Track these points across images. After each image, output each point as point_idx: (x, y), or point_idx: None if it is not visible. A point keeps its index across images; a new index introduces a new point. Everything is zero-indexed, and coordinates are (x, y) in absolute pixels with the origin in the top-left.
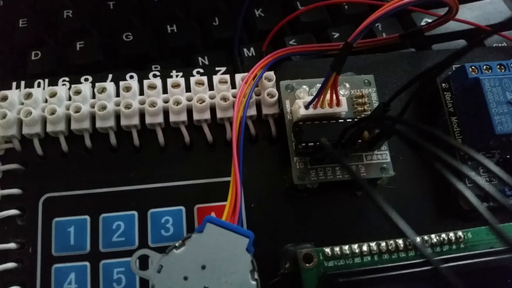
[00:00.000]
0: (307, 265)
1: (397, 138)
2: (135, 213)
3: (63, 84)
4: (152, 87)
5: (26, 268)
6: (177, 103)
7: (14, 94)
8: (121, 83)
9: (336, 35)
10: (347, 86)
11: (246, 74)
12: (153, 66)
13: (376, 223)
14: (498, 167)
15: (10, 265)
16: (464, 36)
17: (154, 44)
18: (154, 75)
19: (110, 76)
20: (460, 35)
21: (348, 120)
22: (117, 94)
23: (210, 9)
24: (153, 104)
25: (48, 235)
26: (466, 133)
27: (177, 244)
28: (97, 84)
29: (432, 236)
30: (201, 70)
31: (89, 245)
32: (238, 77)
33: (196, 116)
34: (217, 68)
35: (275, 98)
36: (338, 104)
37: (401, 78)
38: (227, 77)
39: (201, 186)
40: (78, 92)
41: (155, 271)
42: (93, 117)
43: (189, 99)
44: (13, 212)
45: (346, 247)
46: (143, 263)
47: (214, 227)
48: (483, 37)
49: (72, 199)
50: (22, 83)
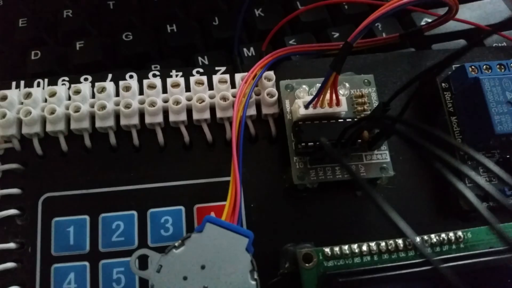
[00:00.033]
0: (307, 265)
1: (397, 138)
2: (135, 213)
3: (63, 84)
4: (151, 86)
5: (25, 268)
6: (177, 102)
7: (13, 93)
8: (121, 83)
9: (336, 35)
10: (347, 85)
11: (245, 73)
12: (152, 66)
13: (376, 223)
14: (498, 167)
15: (9, 265)
16: (464, 36)
17: (154, 44)
18: (154, 75)
19: (109, 75)
20: (460, 35)
21: (348, 119)
22: (117, 94)
23: (210, 9)
24: (152, 104)
25: (47, 235)
26: (466, 133)
27: (176, 244)
28: (96, 84)
29: (432, 236)
30: (201, 70)
31: (88, 245)
32: (238, 76)
33: (195, 116)
34: (216, 68)
35: (275, 97)
36: (338, 103)
37: (401, 78)
38: (226, 76)
39: (201, 186)
40: (77, 92)
41: (154, 271)
42: (92, 117)
43: (189, 99)
44: (12, 212)
45: (346, 247)
46: (143, 263)
47: (214, 227)
48: (483, 37)
49: (71, 199)
50: (22, 82)
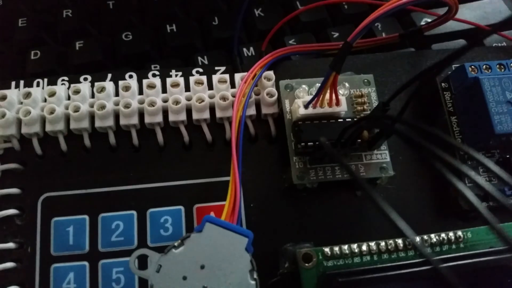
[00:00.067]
0: (306, 264)
1: (397, 137)
2: (134, 212)
3: (62, 84)
4: (151, 86)
5: (25, 268)
6: (176, 102)
7: (13, 93)
8: (120, 83)
9: (336, 34)
10: (347, 85)
11: (245, 73)
12: (152, 66)
13: (376, 223)
14: (498, 167)
15: (9, 264)
16: (463, 35)
17: (153, 43)
18: (154, 75)
19: (109, 75)
20: (459, 35)
21: (347, 119)
22: (116, 94)
23: (210, 9)
24: (152, 104)
25: (47, 235)
26: (465, 133)
27: (176, 244)
28: (96, 84)
29: (432, 235)
30: (201, 70)
31: (88, 245)
32: (238, 76)
33: (195, 116)
34: (216, 68)
35: (275, 97)
36: (338, 103)
37: (401, 77)
38: (226, 76)
39: (201, 186)
40: (77, 92)
41: (154, 271)
42: (92, 117)
43: (189, 99)
44: (12, 211)
45: (346, 247)
46: (142, 262)
47: (213, 227)
48: (482, 37)
49: (71, 198)
50: (21, 82)
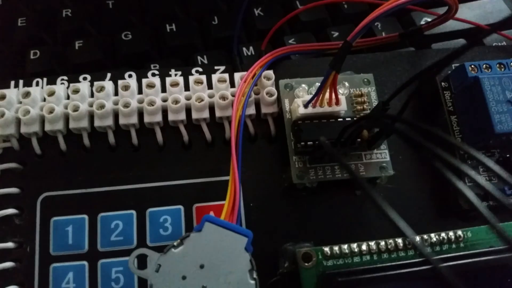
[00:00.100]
0: (306, 264)
1: (397, 137)
2: (134, 212)
3: (62, 83)
4: (150, 86)
5: (24, 268)
6: (176, 102)
7: (12, 93)
8: (120, 82)
9: (336, 34)
10: (347, 85)
11: (245, 73)
12: (152, 65)
13: (376, 222)
14: (498, 166)
15: (8, 264)
16: (463, 35)
17: (153, 43)
18: (153, 74)
19: (108, 75)
20: (459, 34)
21: (347, 119)
22: (116, 93)
23: (209, 8)
24: (151, 103)
25: (46, 234)
26: (465, 132)
27: (175, 243)
28: (95, 83)
29: (432, 235)
30: (200, 69)
31: (87, 244)
32: (237, 76)
33: (195, 115)
34: (216, 67)
35: (274, 97)
36: (337, 103)
37: (401, 77)
38: (226, 76)
39: (200, 185)
40: (76, 91)
41: (153, 271)
42: (91, 116)
43: (188, 98)
44: (11, 211)
45: (345, 246)
46: (142, 262)
47: (213, 226)
48: (482, 36)
49: (70, 198)
50: (21, 82)
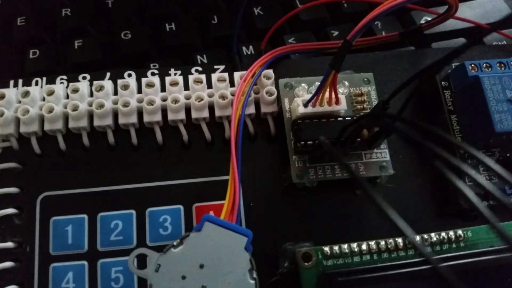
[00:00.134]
0: (306, 264)
1: (397, 136)
2: (133, 212)
3: (61, 83)
4: (150, 85)
5: (23, 267)
6: (175, 101)
7: (11, 92)
8: (119, 81)
9: (336, 33)
10: (346, 84)
11: (244, 72)
12: (151, 65)
13: (376, 222)
14: (498, 165)
15: (7, 264)
16: (463, 34)
17: (152, 42)
18: (153, 74)
19: (108, 74)
20: (459, 33)
21: (347, 118)
22: (115, 93)
23: (209, 8)
24: (151, 103)
25: (45, 234)
26: (465, 132)
27: (175, 243)
28: (95, 82)
29: (432, 235)
30: (200, 68)
31: (87, 244)
32: (237, 75)
33: (194, 115)
34: (215, 66)
35: (274, 96)
36: (337, 102)
37: (401, 76)
38: (225, 75)
39: (200, 185)
40: (75, 90)
41: (153, 270)
42: (91, 116)
43: (188, 98)
44: (10, 211)
45: (345, 246)
46: (142, 262)
47: (213, 226)
48: (482, 35)
49: (70, 198)
50: (20, 81)
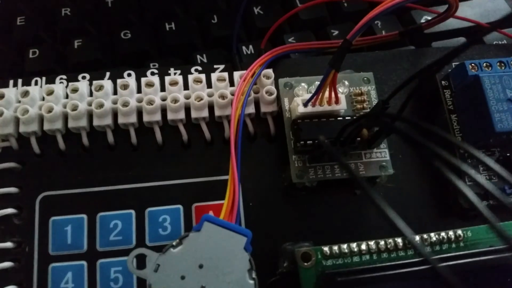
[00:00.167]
0: (305, 264)
1: (397, 136)
2: (133, 211)
3: (61, 82)
4: (149, 85)
5: (22, 267)
6: (175, 101)
7: (11, 92)
8: (119, 81)
9: (336, 32)
10: (346, 83)
11: (244, 71)
12: (151, 64)
13: (375, 222)
14: (498, 165)
15: (6, 264)
16: (464, 33)
17: (152, 42)
18: (152, 73)
19: (107, 74)
20: (460, 33)
21: (347, 118)
22: (115, 92)
23: (209, 7)
24: (150, 102)
25: (45, 234)
26: (465, 131)
27: (174, 243)
28: (94, 82)
29: (432, 234)
30: (199, 68)
31: (86, 244)
32: (237, 74)
33: (194, 114)
34: (215, 66)
35: (274, 96)
36: (337, 101)
37: (401, 75)
38: (225, 74)
39: (199, 185)
40: (75, 90)
41: (152, 271)
42: (90, 115)
43: (187, 97)
44: (9, 211)
45: (345, 246)
46: (141, 262)
47: (212, 226)
48: (482, 34)
49: (69, 197)
50: (19, 81)
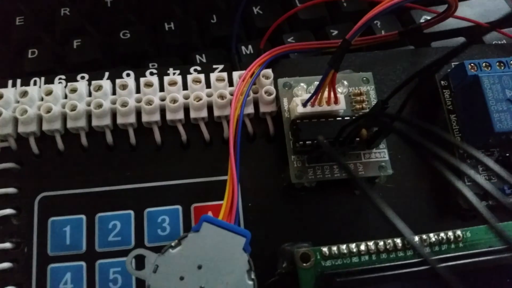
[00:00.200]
0: (304, 264)
1: (396, 136)
2: (132, 212)
3: (59, 82)
4: (148, 85)
5: (21, 268)
6: (174, 101)
7: (9, 92)
8: (117, 81)
9: (335, 32)
10: (345, 83)
11: (243, 71)
12: (150, 64)
13: (374, 222)
14: (497, 165)
15: (5, 265)
16: (463, 33)
17: (151, 42)
18: (151, 73)
19: (106, 74)
20: (459, 32)
21: (346, 118)
22: (114, 92)
23: (208, 7)
24: (149, 102)
25: (43, 235)
26: (465, 131)
27: (173, 244)
28: (93, 82)
29: (431, 235)
30: (199, 68)
31: (85, 245)
32: (236, 74)
33: (193, 114)
34: (214, 66)
35: (273, 96)
36: (336, 101)
37: (400, 75)
38: (224, 74)
39: (198, 185)
40: (74, 90)
41: (151, 271)
42: (89, 116)
43: (186, 97)
44: (8, 211)
45: (344, 247)
46: (140, 263)
47: (211, 227)
48: (481, 34)
49: (68, 198)
50: (18, 81)
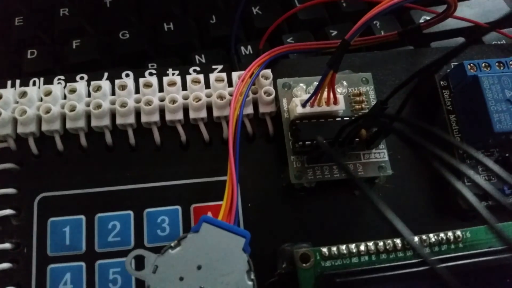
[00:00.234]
0: (304, 265)
1: (395, 136)
2: (131, 212)
3: (59, 83)
4: (148, 85)
5: (21, 269)
6: (173, 101)
7: (8, 92)
8: (117, 82)
9: (334, 33)
10: (345, 84)
11: (243, 72)
12: (149, 65)
13: (374, 223)
14: (497, 165)
15: (5, 265)
16: (462, 33)
17: (150, 42)
18: (150, 73)
19: (105, 74)
20: (458, 33)
21: (345, 118)
22: (113, 93)
23: (207, 7)
24: (148, 103)
25: (43, 235)
26: (464, 131)
27: (172, 244)
28: (92, 83)
29: (431, 235)
30: (198, 68)
31: (84, 245)
32: (235, 75)
33: (192, 115)
34: (213, 66)
35: (272, 96)
36: (336, 102)
37: (400, 76)
38: (223, 75)
39: (198, 186)
40: (73, 91)
41: (150, 272)
42: (88, 116)
43: (186, 98)
44: (8, 212)
45: (343, 247)
46: (140, 263)
47: (210, 227)
48: (481, 34)
49: (67, 198)
50: (17, 81)
